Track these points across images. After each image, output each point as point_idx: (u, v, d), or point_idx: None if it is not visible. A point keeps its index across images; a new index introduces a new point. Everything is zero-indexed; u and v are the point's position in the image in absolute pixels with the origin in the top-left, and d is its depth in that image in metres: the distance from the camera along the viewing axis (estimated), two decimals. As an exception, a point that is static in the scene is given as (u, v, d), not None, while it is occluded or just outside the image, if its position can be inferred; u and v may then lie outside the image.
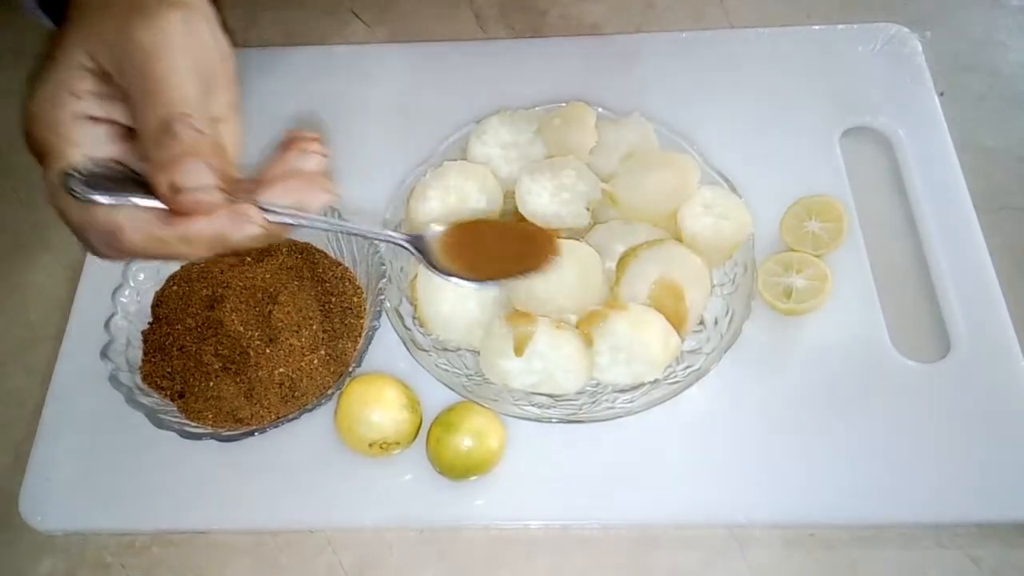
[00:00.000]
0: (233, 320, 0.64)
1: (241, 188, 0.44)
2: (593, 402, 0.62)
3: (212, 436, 0.60)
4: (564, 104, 0.73)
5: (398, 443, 0.61)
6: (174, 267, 0.69)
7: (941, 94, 0.79)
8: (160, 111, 0.42)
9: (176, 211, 0.42)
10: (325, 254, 0.70)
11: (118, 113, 0.44)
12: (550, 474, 0.62)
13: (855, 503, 0.61)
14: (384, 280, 0.65)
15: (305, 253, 0.69)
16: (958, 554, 0.60)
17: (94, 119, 0.44)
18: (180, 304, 0.66)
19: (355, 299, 0.67)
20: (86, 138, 0.44)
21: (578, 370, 0.62)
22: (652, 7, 0.90)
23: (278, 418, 0.62)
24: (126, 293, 0.66)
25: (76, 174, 0.43)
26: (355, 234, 0.51)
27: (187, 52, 0.43)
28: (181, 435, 0.60)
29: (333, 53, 0.86)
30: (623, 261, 0.65)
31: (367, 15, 0.91)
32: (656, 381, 0.62)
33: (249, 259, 0.69)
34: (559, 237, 0.58)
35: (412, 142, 0.75)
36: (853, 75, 0.81)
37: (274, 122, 0.79)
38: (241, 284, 0.66)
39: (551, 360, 0.61)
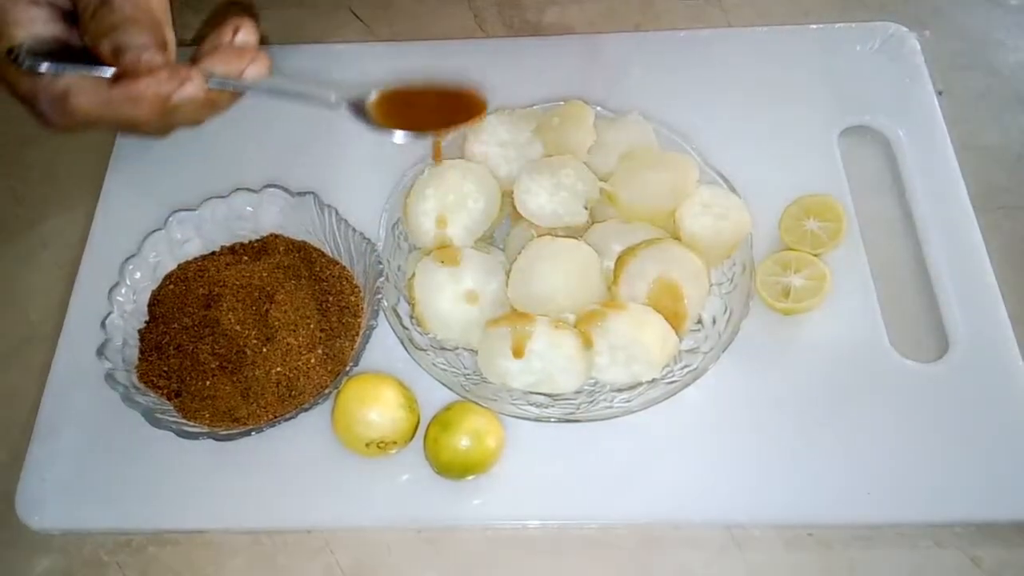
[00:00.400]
0: (230, 319, 0.64)
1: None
2: (591, 401, 0.62)
3: (209, 435, 0.60)
4: (562, 103, 0.72)
5: (396, 442, 0.61)
6: (170, 266, 0.68)
7: (940, 93, 0.79)
8: None
9: (120, 73, 0.46)
10: (322, 252, 0.70)
11: None
12: (548, 474, 0.62)
13: (854, 503, 0.61)
14: (381, 279, 0.64)
15: (302, 252, 0.69)
16: (957, 554, 0.60)
17: (35, 1, 0.48)
18: (176, 303, 0.66)
19: (352, 298, 0.67)
20: (29, 18, 0.48)
21: (576, 370, 0.62)
22: (650, 6, 0.90)
23: (275, 417, 0.62)
24: (122, 292, 0.66)
25: (22, 47, 0.47)
26: (291, 94, 0.54)
27: None
28: (178, 434, 0.60)
29: (332, 52, 0.86)
30: (621, 260, 0.65)
31: (366, 14, 0.90)
32: (654, 380, 0.62)
33: (246, 257, 0.69)
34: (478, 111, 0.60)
35: (410, 141, 0.75)
36: (852, 74, 0.81)
37: (272, 121, 0.79)
38: (238, 283, 0.66)
39: (549, 359, 0.61)
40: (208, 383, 0.62)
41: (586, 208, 0.67)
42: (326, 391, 0.62)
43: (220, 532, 0.63)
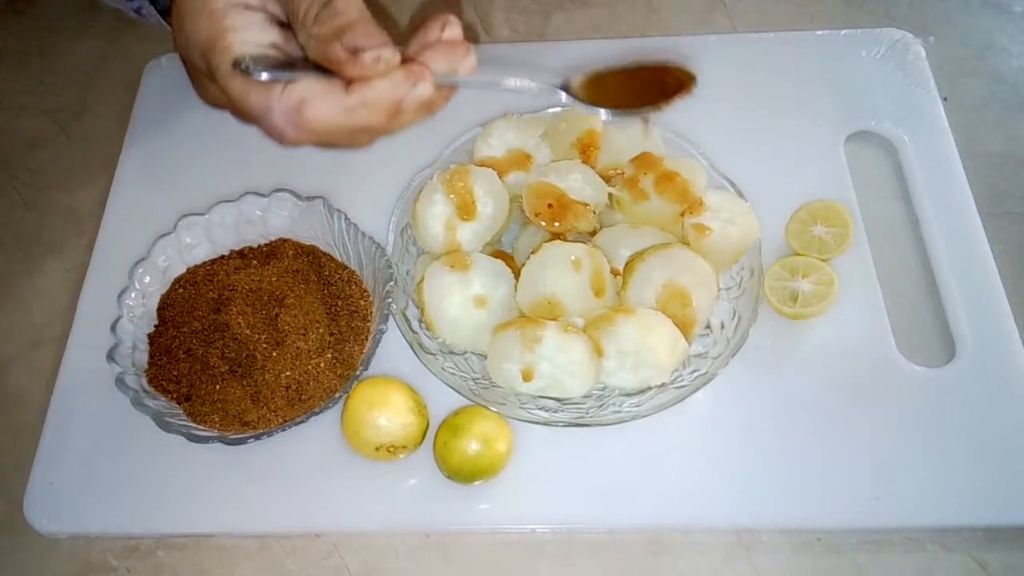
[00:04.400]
0: (239, 323, 0.64)
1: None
2: (600, 406, 0.62)
3: (219, 439, 0.60)
4: (570, 108, 0.73)
5: (405, 447, 0.61)
6: (180, 269, 0.69)
7: (945, 99, 0.80)
8: None
9: (354, 76, 0.43)
10: (331, 257, 0.70)
11: (269, 2, 0.46)
12: (557, 478, 0.62)
13: (862, 507, 0.61)
14: (391, 283, 0.65)
15: (311, 256, 0.69)
16: (964, 558, 0.60)
17: (249, 7, 0.46)
18: (186, 307, 0.66)
19: (362, 302, 0.67)
20: (246, 23, 0.45)
21: (585, 374, 0.62)
22: (656, 12, 0.90)
23: (285, 421, 0.62)
24: (132, 296, 0.66)
25: (247, 58, 0.44)
26: (509, 89, 0.52)
27: None
28: (187, 438, 0.60)
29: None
30: (630, 265, 0.65)
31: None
32: (663, 385, 0.62)
33: (255, 262, 0.69)
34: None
35: (418, 145, 0.75)
36: (857, 80, 0.81)
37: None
38: (247, 287, 0.66)
39: (558, 364, 0.61)
40: (218, 387, 0.63)
41: (594, 213, 0.68)
42: (335, 395, 0.62)
43: (229, 536, 0.63)
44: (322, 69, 0.44)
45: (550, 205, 0.67)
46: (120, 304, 0.65)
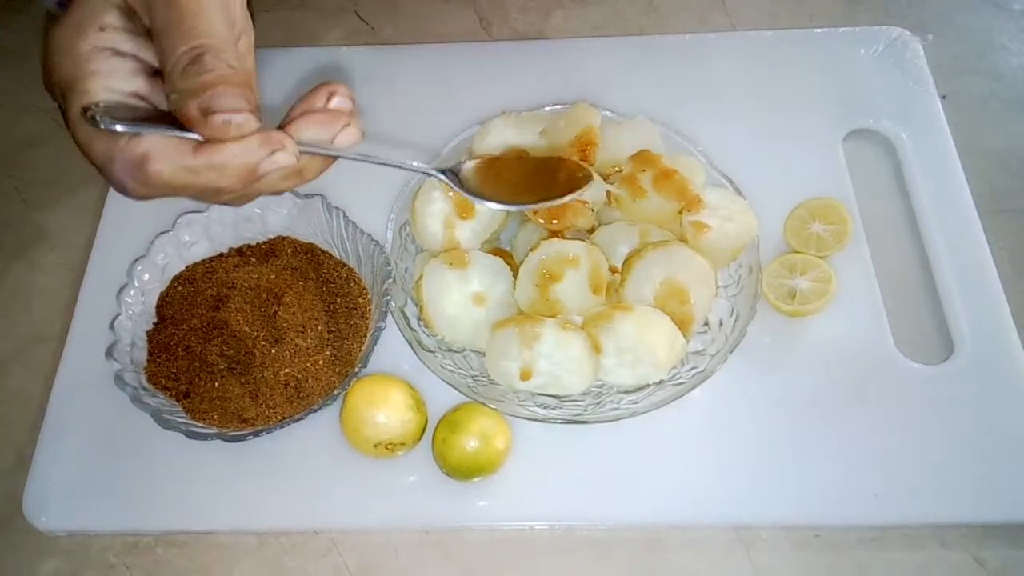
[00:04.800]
0: (238, 320, 0.64)
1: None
2: (598, 403, 0.62)
3: (218, 436, 0.60)
4: (569, 106, 0.73)
5: (403, 444, 0.61)
6: (179, 267, 0.69)
7: (943, 97, 0.80)
8: (189, 43, 0.42)
9: (207, 137, 0.42)
10: (330, 255, 0.70)
11: (143, 50, 0.44)
12: (555, 475, 0.63)
13: (860, 504, 0.61)
14: (389, 281, 0.65)
15: (310, 254, 0.70)
16: (963, 555, 0.60)
17: (119, 53, 0.44)
18: (185, 304, 0.66)
19: (360, 300, 0.67)
20: (110, 70, 0.43)
21: (584, 371, 0.62)
22: (655, 10, 0.90)
23: (284, 419, 0.62)
24: (131, 293, 0.66)
25: (99, 106, 0.42)
26: (386, 165, 0.52)
27: None
28: (187, 435, 0.60)
29: (336, 54, 0.86)
30: (628, 262, 0.65)
31: (371, 17, 0.91)
32: (661, 382, 0.62)
33: (254, 259, 0.69)
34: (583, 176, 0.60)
35: (417, 143, 0.76)
36: (856, 78, 0.81)
37: (275, 123, 0.79)
38: (246, 284, 0.66)
39: (557, 361, 0.62)
40: (217, 384, 0.63)
41: (592, 210, 0.68)
42: (334, 392, 0.62)
43: (228, 533, 0.63)
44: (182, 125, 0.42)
45: (549, 203, 0.67)
46: (119, 301, 0.65)
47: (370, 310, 0.67)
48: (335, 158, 0.47)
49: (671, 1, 0.91)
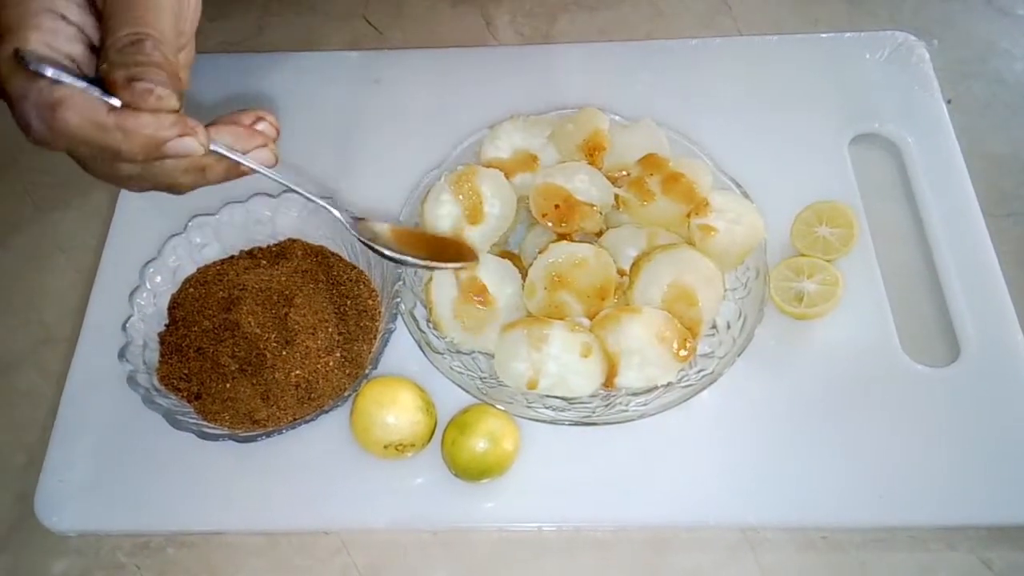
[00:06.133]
0: (249, 322, 0.64)
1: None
2: (607, 405, 0.63)
3: (229, 437, 0.61)
4: (576, 109, 0.73)
5: (413, 445, 0.62)
6: (190, 269, 0.69)
7: (949, 101, 0.80)
8: (135, 28, 0.44)
9: (126, 102, 0.43)
10: (340, 257, 0.70)
11: (89, 28, 0.46)
12: (563, 476, 0.63)
13: (866, 505, 0.61)
14: (399, 283, 0.65)
15: (320, 256, 0.70)
16: (969, 557, 0.61)
17: (65, 19, 0.45)
18: (196, 306, 0.67)
19: (370, 302, 0.68)
20: (54, 29, 0.45)
21: (592, 373, 0.62)
22: (661, 14, 0.90)
23: (294, 420, 0.62)
24: (143, 295, 0.66)
25: (32, 53, 0.43)
26: (291, 190, 0.54)
27: None
28: (198, 436, 0.60)
29: (345, 59, 0.87)
30: (636, 265, 0.65)
31: (379, 21, 0.91)
32: (669, 384, 0.63)
33: (264, 262, 0.69)
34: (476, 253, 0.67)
35: (425, 147, 0.76)
36: (861, 83, 0.81)
37: (290, 126, 0.79)
38: (257, 286, 0.67)
39: (565, 363, 0.62)
40: (228, 385, 0.63)
41: (600, 214, 0.68)
42: (344, 394, 0.63)
43: (238, 533, 0.63)
44: (105, 89, 0.44)
45: (557, 206, 0.67)
46: (132, 303, 0.66)
47: (380, 312, 0.67)
48: (241, 172, 0.49)
49: (677, 5, 0.91)
